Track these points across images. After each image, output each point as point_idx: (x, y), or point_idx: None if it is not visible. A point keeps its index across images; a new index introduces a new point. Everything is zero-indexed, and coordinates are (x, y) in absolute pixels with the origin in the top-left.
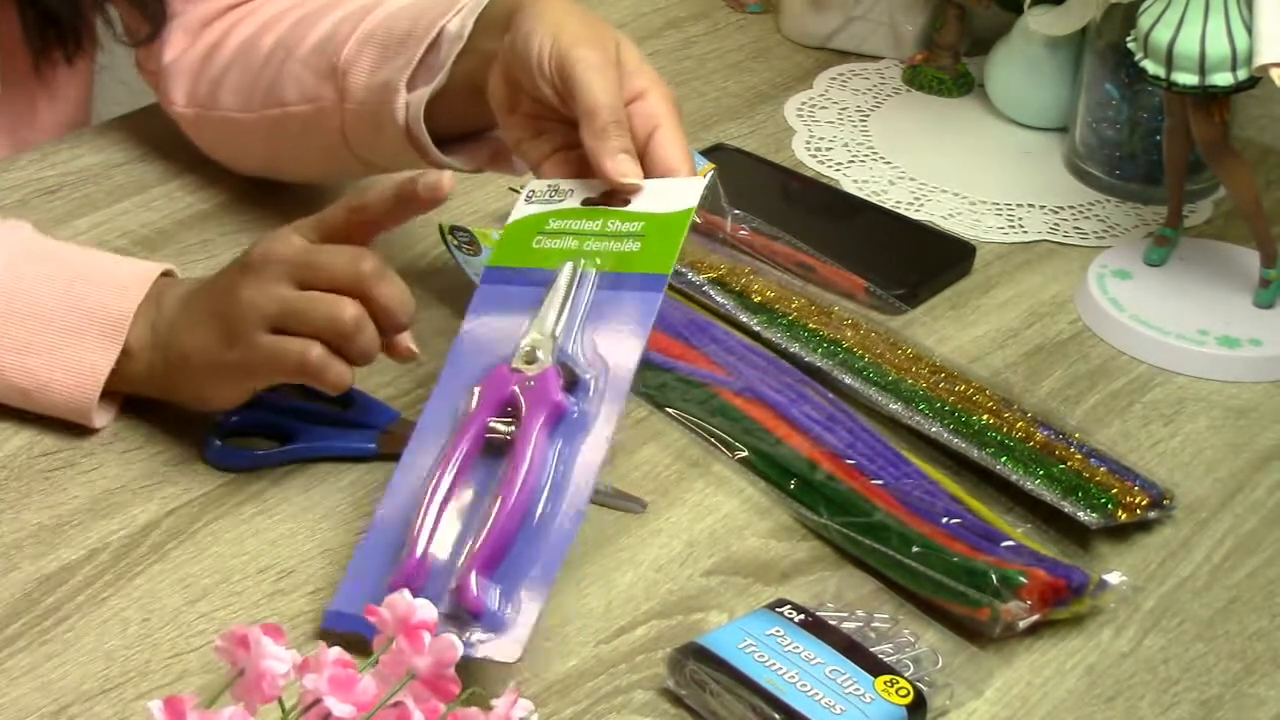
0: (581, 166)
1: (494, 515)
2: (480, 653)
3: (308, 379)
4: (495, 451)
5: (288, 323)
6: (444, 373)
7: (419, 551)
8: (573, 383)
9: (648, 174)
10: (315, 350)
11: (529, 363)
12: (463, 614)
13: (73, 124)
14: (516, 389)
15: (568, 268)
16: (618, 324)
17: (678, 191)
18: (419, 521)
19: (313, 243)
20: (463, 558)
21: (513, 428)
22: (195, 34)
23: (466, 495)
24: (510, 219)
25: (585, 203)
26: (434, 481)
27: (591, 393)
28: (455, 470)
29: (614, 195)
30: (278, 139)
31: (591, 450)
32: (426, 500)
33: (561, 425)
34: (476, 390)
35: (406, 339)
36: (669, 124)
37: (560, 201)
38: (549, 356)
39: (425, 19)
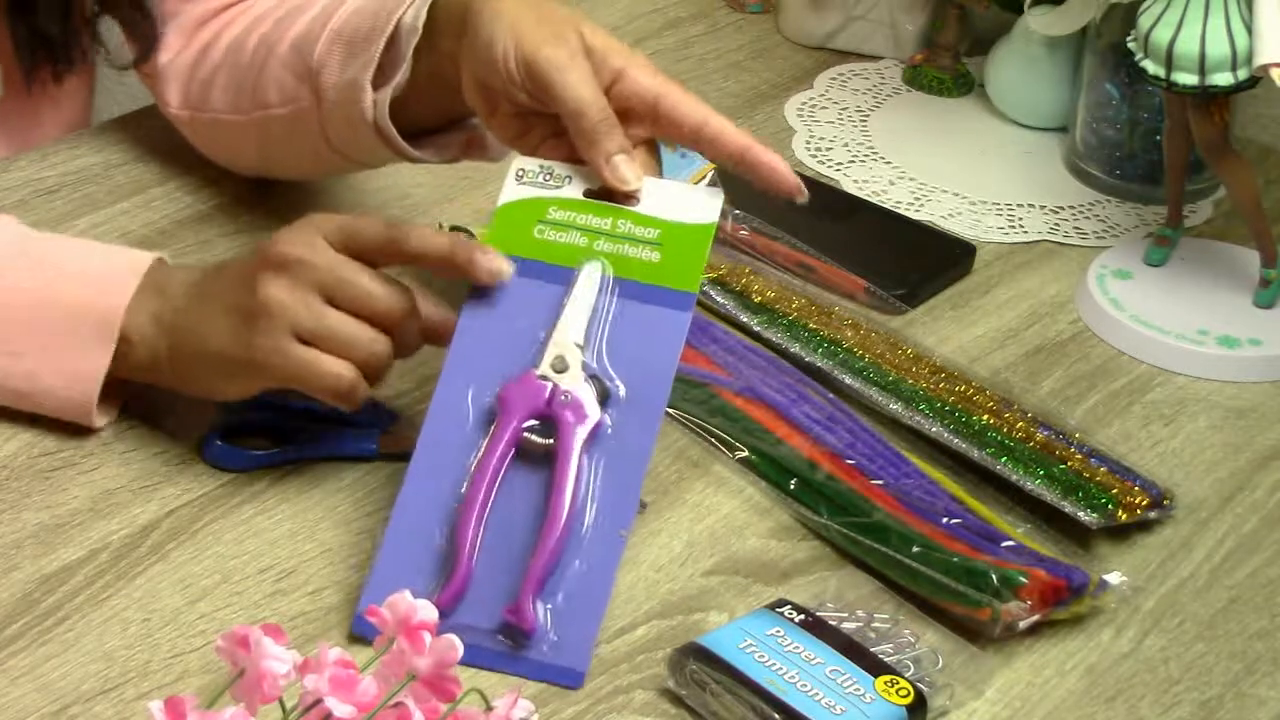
0: (575, 148)
1: (544, 538)
2: (544, 677)
3: (334, 399)
4: (528, 460)
5: (319, 340)
6: (447, 367)
7: (464, 569)
8: (604, 396)
9: (681, 140)
10: (351, 374)
11: (558, 371)
12: (513, 632)
13: (75, 126)
14: (551, 402)
15: (589, 272)
16: (647, 340)
17: (695, 202)
18: (463, 538)
19: (336, 249)
20: (512, 576)
21: (549, 441)
22: (190, 35)
23: (504, 508)
24: (502, 199)
25: (587, 194)
26: (475, 496)
27: (623, 408)
28: (493, 482)
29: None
30: (267, 141)
31: (631, 469)
32: (471, 515)
33: (597, 440)
34: (499, 394)
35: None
36: (666, 90)
37: (557, 188)
38: (580, 368)
39: (384, 12)
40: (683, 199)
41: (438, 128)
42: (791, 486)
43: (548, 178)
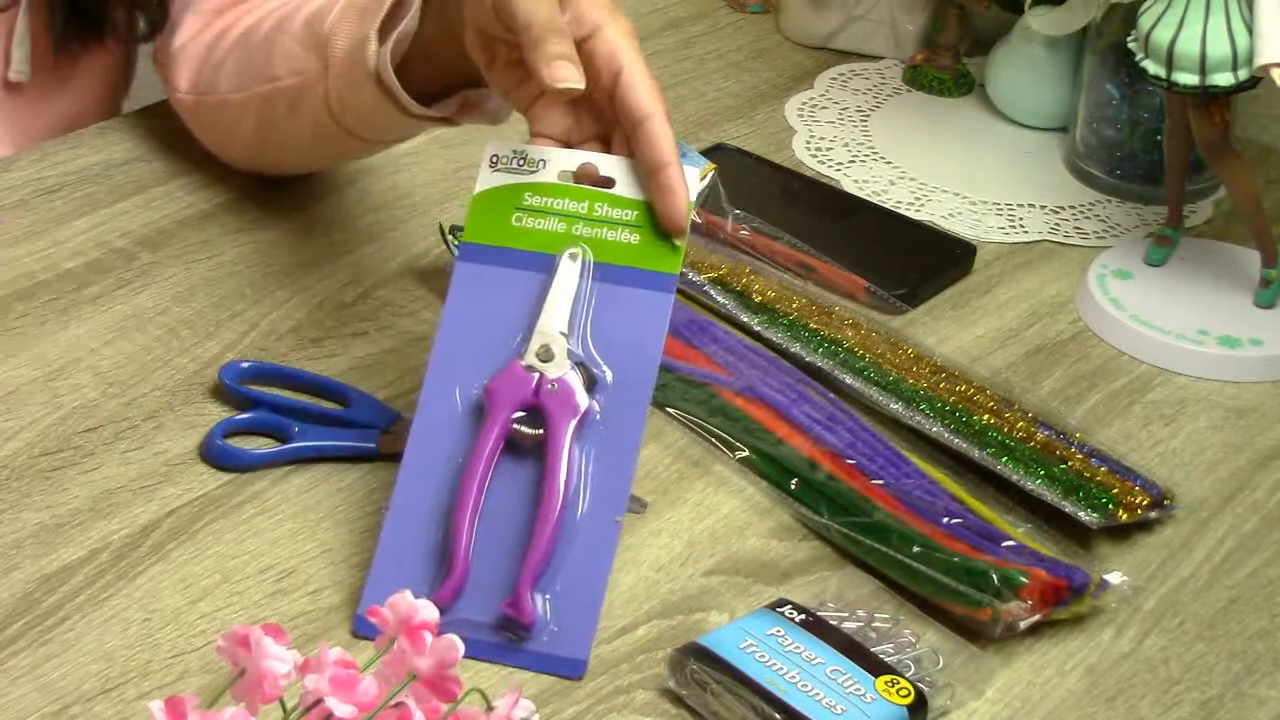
0: (571, 103)
1: (539, 530)
2: (545, 668)
3: None
4: (518, 451)
5: None
6: (433, 362)
7: (461, 565)
8: (591, 383)
9: (619, 122)
10: None
11: (544, 361)
12: (512, 625)
13: (105, 103)
14: (539, 392)
15: (570, 259)
16: (630, 323)
17: None
18: (459, 533)
19: None
20: (508, 569)
21: (539, 431)
22: (207, 20)
23: (498, 501)
24: (478, 188)
25: (562, 178)
26: (468, 491)
27: (610, 393)
28: (485, 477)
29: (589, 175)
30: (266, 118)
31: (622, 454)
32: (465, 511)
33: (586, 428)
34: (486, 387)
35: None
36: (632, 63)
37: (532, 173)
38: (566, 356)
39: None
40: None
41: (439, 95)
42: (792, 486)
43: (521, 163)
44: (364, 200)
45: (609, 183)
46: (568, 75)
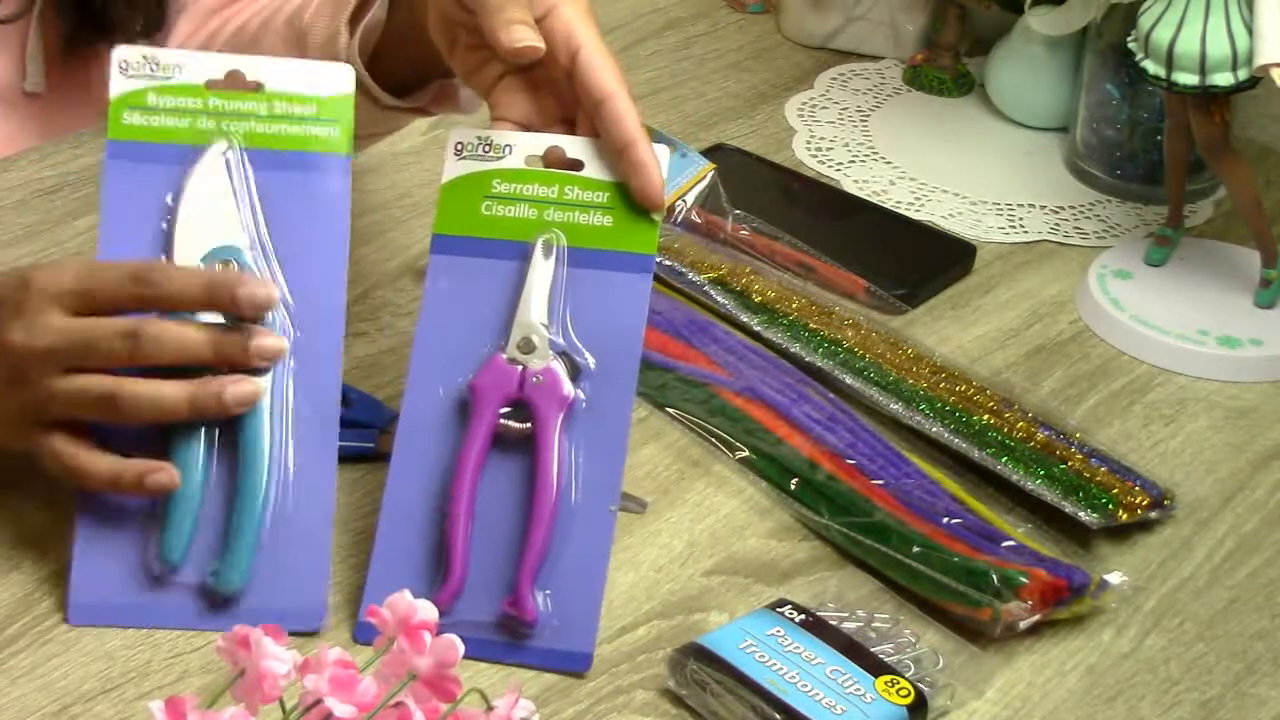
0: (532, 86)
1: (534, 526)
2: (550, 664)
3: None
4: (507, 446)
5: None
6: (415, 361)
7: (459, 567)
8: (575, 371)
9: (580, 102)
10: (136, 468)
11: (526, 353)
12: (514, 623)
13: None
14: (524, 385)
15: (544, 246)
16: (610, 308)
17: None
18: (454, 537)
19: (73, 313)
20: (507, 566)
21: (527, 425)
22: (200, 23)
23: (491, 499)
24: (445, 177)
25: (529, 163)
26: (460, 491)
27: (595, 380)
28: (476, 475)
29: (558, 158)
30: None
31: (612, 441)
32: (459, 512)
33: (574, 418)
34: (470, 383)
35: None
36: (589, 42)
37: (498, 159)
38: (548, 347)
39: None
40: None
41: (413, 86)
42: (792, 486)
43: (487, 149)
44: (363, 200)
45: (577, 165)
46: (525, 35)
